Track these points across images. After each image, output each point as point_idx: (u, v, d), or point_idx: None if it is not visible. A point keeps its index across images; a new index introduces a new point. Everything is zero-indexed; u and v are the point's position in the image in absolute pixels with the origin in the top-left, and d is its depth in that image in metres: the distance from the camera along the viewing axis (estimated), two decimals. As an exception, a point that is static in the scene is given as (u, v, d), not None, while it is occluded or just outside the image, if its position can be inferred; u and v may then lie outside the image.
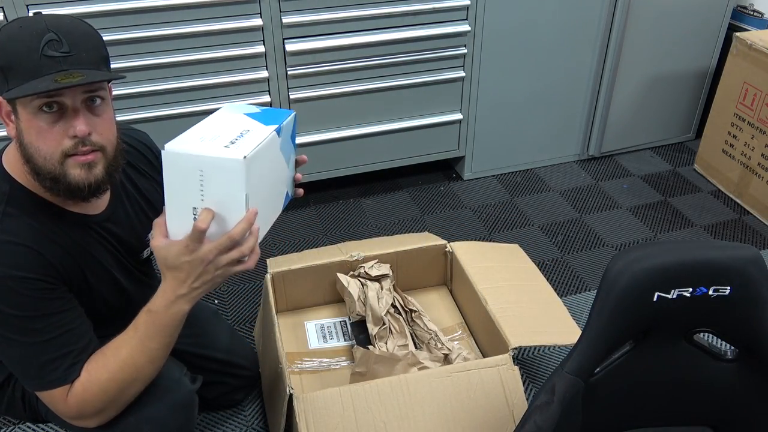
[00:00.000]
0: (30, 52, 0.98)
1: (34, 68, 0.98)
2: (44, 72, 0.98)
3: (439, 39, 2.37)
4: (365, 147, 2.51)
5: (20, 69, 0.98)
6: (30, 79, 0.97)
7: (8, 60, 0.98)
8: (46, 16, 1.02)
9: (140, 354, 1.09)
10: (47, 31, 0.98)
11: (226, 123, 1.09)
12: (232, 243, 1.02)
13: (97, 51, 1.04)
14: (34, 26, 0.99)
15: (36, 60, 0.97)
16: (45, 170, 1.03)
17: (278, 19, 2.15)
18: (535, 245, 2.39)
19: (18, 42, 0.98)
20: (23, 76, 0.98)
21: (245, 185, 0.98)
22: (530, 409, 1.05)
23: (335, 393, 1.44)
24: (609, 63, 2.65)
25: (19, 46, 0.98)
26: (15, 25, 1.00)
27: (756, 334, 1.04)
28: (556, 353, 1.93)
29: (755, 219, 2.55)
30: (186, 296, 1.07)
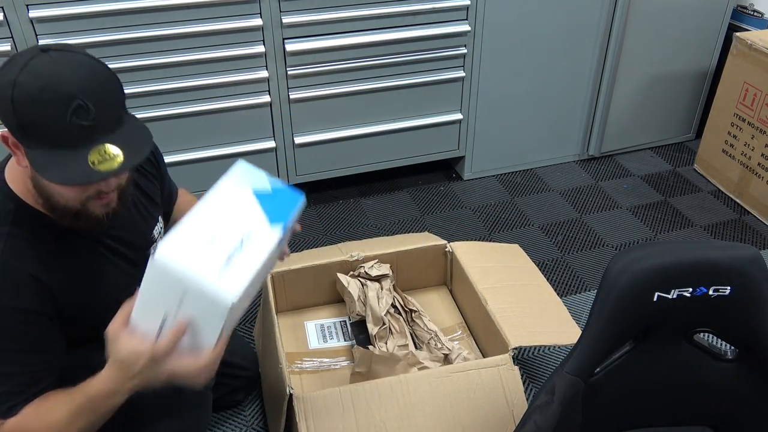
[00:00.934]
0: (56, 121, 0.93)
1: (61, 138, 0.94)
2: (73, 143, 0.94)
3: (439, 39, 2.37)
4: (365, 147, 2.51)
5: (44, 136, 0.94)
6: (58, 146, 0.94)
7: (30, 123, 0.93)
8: (65, 66, 0.94)
9: (68, 425, 1.05)
10: (74, 97, 0.92)
11: (230, 212, 1.03)
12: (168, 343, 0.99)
13: (118, 103, 1.01)
14: (58, 89, 0.92)
15: (63, 129, 0.93)
16: (64, 210, 1.02)
17: (278, 19, 2.15)
18: (535, 245, 2.39)
19: (41, 107, 0.92)
20: (48, 142, 0.94)
21: (224, 322, 0.95)
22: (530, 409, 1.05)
23: (335, 393, 1.44)
24: (609, 63, 2.65)
25: (43, 112, 0.92)
26: (34, 85, 0.92)
27: (756, 334, 1.04)
28: (556, 353, 1.93)
29: (755, 219, 2.55)
30: (127, 391, 1.03)
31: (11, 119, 0.94)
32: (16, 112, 0.92)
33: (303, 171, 2.49)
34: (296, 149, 2.42)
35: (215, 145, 2.30)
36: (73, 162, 0.94)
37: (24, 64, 0.93)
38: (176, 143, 2.25)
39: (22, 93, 0.92)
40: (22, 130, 0.94)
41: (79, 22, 1.96)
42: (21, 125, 0.93)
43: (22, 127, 0.93)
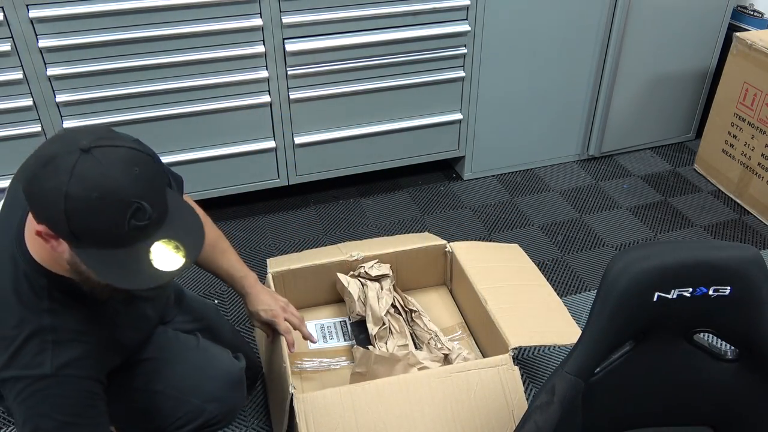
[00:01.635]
0: (116, 226, 0.91)
1: (118, 239, 0.93)
2: (131, 243, 0.93)
3: (439, 39, 2.37)
4: (365, 147, 2.51)
5: (102, 239, 0.92)
6: (113, 247, 0.93)
7: (85, 230, 0.91)
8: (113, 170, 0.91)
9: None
10: (132, 203, 0.91)
11: None
12: None
13: (165, 188, 1.00)
14: (115, 197, 0.90)
15: (123, 232, 0.92)
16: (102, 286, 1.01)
17: (278, 19, 2.15)
18: (535, 245, 2.39)
19: (99, 216, 0.90)
20: (104, 244, 0.93)
21: None
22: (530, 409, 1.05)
23: (335, 393, 1.44)
24: (609, 63, 2.65)
25: (101, 220, 0.91)
26: (89, 192, 0.89)
27: (756, 334, 1.04)
28: (556, 353, 1.93)
29: (755, 219, 2.55)
30: None
31: (62, 227, 0.91)
32: (69, 222, 0.90)
33: (303, 171, 2.49)
34: (296, 149, 2.42)
35: (215, 145, 2.30)
36: (135, 264, 0.93)
37: (70, 171, 0.89)
38: (176, 143, 2.25)
39: (78, 204, 0.89)
40: (73, 235, 0.92)
41: (79, 22, 1.96)
42: (73, 232, 0.91)
43: (74, 233, 0.91)
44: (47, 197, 0.90)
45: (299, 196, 2.63)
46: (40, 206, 0.92)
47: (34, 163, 0.92)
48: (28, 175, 0.92)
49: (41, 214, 0.93)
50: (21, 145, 2.09)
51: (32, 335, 1.04)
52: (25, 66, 1.98)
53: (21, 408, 1.05)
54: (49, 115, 2.07)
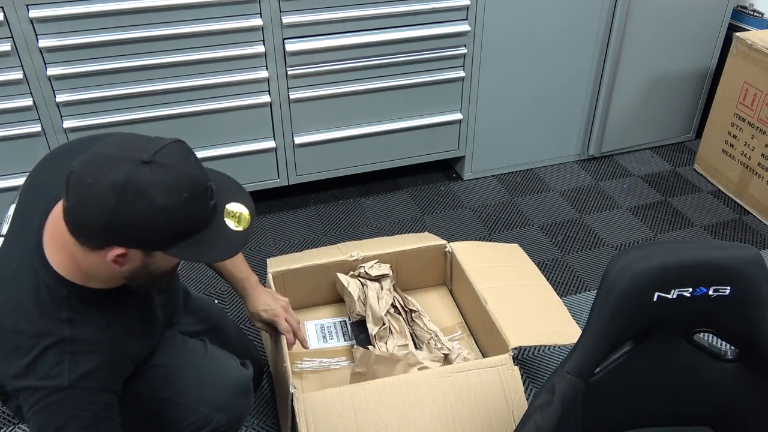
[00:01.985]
0: (204, 212, 1.00)
1: (205, 223, 1.00)
2: (211, 222, 1.01)
3: (439, 39, 2.37)
4: (365, 147, 2.50)
5: (193, 229, 0.99)
6: (197, 233, 0.99)
7: (184, 230, 0.97)
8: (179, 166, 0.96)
9: None
10: (208, 186, 1.00)
11: None
12: None
13: None
14: (196, 189, 0.97)
15: (208, 216, 1.01)
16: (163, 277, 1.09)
17: (278, 19, 2.15)
18: (535, 245, 2.38)
19: (192, 213, 0.97)
20: (193, 233, 0.99)
21: None
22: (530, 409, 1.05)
23: (335, 393, 1.44)
24: (609, 63, 2.65)
25: (193, 216, 0.98)
26: (179, 199, 0.95)
27: (756, 334, 1.04)
28: (556, 353, 1.93)
29: (755, 219, 2.55)
30: None
31: (161, 237, 0.96)
32: (171, 231, 0.95)
33: (303, 171, 2.49)
34: (296, 149, 2.42)
35: (215, 145, 2.30)
36: (220, 237, 1.01)
37: (155, 186, 0.93)
38: (176, 143, 2.24)
39: (176, 212, 0.95)
40: (172, 240, 0.97)
41: (79, 22, 1.96)
42: (172, 237, 0.96)
43: (173, 238, 0.96)
44: (142, 219, 0.93)
45: (299, 196, 2.63)
46: (131, 230, 0.94)
47: (105, 197, 0.92)
48: (104, 207, 0.92)
49: (129, 237, 0.95)
50: (21, 145, 2.09)
51: (51, 346, 1.04)
52: (25, 66, 1.98)
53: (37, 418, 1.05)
54: (49, 115, 2.07)
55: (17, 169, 2.13)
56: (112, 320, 1.12)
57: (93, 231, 0.95)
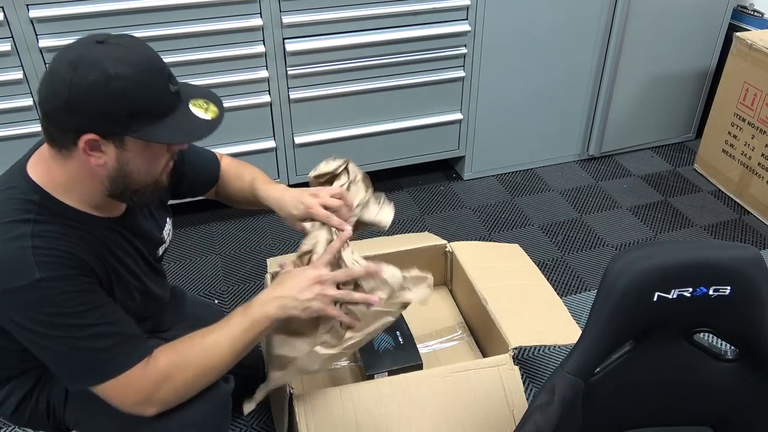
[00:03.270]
0: (163, 92, 1.00)
1: (168, 106, 1.01)
2: (175, 107, 1.02)
3: (439, 39, 2.37)
4: (365, 147, 2.51)
5: (155, 110, 0.99)
6: (164, 116, 1.00)
7: (143, 105, 0.98)
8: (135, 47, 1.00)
9: (227, 343, 1.14)
10: (163, 67, 1.01)
11: None
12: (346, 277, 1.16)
13: None
14: (150, 65, 0.99)
15: (168, 98, 1.01)
16: (143, 185, 1.08)
17: (278, 19, 2.15)
18: (535, 245, 2.39)
19: (149, 86, 0.98)
20: (156, 116, 0.99)
21: None
22: (530, 409, 1.05)
23: (335, 393, 1.44)
24: (609, 63, 2.65)
25: (151, 89, 0.99)
26: (131, 69, 0.97)
27: (756, 334, 1.04)
28: (556, 353, 1.93)
29: (755, 219, 2.55)
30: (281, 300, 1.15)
31: (120, 112, 0.96)
32: (127, 101, 0.96)
33: (303, 171, 2.49)
34: (296, 149, 2.42)
35: (215, 145, 2.30)
36: (185, 121, 1.01)
37: (105, 59, 0.96)
38: (176, 143, 2.25)
39: (128, 82, 0.96)
40: (131, 117, 0.97)
41: (79, 22, 1.96)
42: (131, 113, 0.97)
43: (131, 114, 0.97)
44: (96, 90, 0.95)
45: (299, 196, 2.63)
46: (89, 104, 0.96)
47: (62, 73, 0.96)
48: (61, 84, 0.95)
49: (90, 114, 0.96)
50: (21, 145, 2.08)
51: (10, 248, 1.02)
52: (25, 66, 1.98)
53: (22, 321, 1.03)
54: (49, 115, 2.07)
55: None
56: (82, 237, 1.08)
57: (59, 117, 0.98)
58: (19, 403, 1.26)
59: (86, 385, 1.09)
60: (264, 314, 1.15)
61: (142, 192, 1.09)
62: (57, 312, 1.02)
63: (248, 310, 1.16)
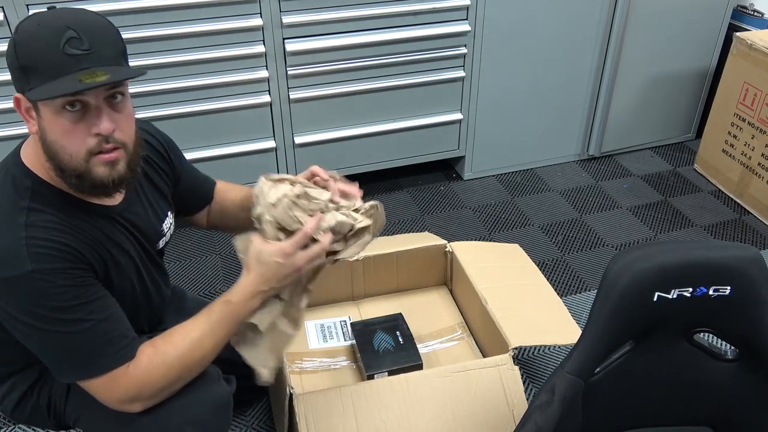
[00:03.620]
0: (51, 51, 0.97)
1: (56, 67, 0.97)
2: (67, 71, 0.97)
3: (439, 39, 2.37)
4: (365, 147, 2.50)
5: (42, 68, 0.97)
6: (53, 78, 0.97)
7: (29, 59, 0.98)
8: (63, 11, 1.01)
9: (209, 338, 1.14)
10: (67, 28, 0.97)
11: None
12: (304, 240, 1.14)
13: (116, 45, 1.05)
14: (53, 24, 0.98)
15: (58, 59, 0.97)
16: (70, 167, 1.04)
17: (278, 19, 2.15)
18: (535, 245, 2.39)
19: (38, 40, 0.97)
20: (45, 75, 0.97)
21: None
22: (530, 409, 1.05)
23: (335, 393, 1.44)
24: (609, 63, 2.65)
25: (39, 44, 0.97)
26: (33, 23, 0.99)
27: (756, 335, 1.04)
28: (556, 353, 1.93)
29: (755, 219, 2.55)
30: (264, 293, 1.16)
31: (14, 63, 0.99)
32: (17, 53, 0.98)
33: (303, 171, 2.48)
34: (296, 149, 2.42)
35: (215, 145, 2.30)
36: (61, 81, 0.97)
37: (31, 17, 1.00)
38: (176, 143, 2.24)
39: (22, 34, 0.98)
40: (24, 71, 0.98)
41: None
42: (22, 66, 0.98)
43: (24, 68, 0.98)
44: (10, 42, 0.99)
45: (299, 196, 2.63)
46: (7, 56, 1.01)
47: None
48: None
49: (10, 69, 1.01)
50: (21, 145, 2.09)
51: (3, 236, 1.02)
52: (25, 66, 1.98)
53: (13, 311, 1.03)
54: (49, 115, 2.07)
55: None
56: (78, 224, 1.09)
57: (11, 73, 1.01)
58: (20, 399, 1.26)
59: (73, 378, 1.10)
60: (249, 309, 1.17)
61: (71, 175, 1.05)
62: (47, 305, 1.02)
63: (231, 306, 1.16)
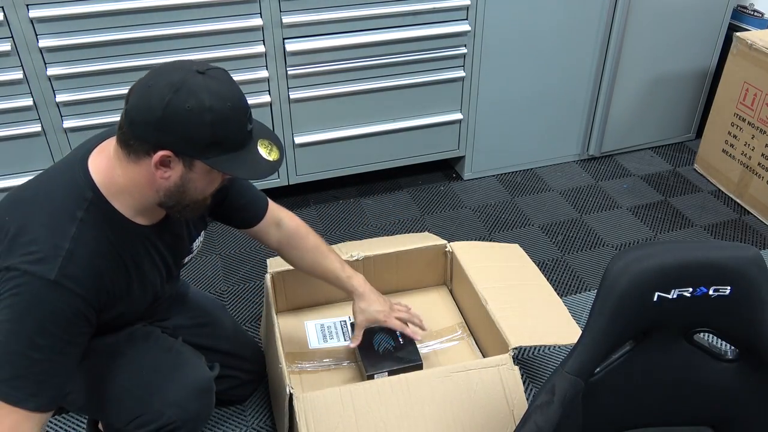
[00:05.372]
0: (240, 131, 1.09)
1: (240, 143, 1.10)
2: (246, 144, 1.11)
3: (439, 39, 2.37)
4: (365, 147, 2.51)
5: (228, 144, 1.07)
6: (233, 150, 1.08)
7: (222, 138, 1.06)
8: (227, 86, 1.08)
9: None
10: (247, 108, 1.10)
11: None
12: None
13: None
14: (239, 105, 1.08)
15: (244, 136, 1.10)
16: (194, 202, 1.15)
17: (278, 19, 2.15)
18: (535, 245, 2.39)
19: (232, 122, 1.07)
20: (228, 149, 1.08)
21: None
22: (530, 409, 1.05)
23: (335, 393, 1.44)
24: (609, 63, 2.65)
25: (232, 126, 1.07)
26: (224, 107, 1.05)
27: (756, 335, 1.04)
28: (556, 353, 1.93)
29: (755, 219, 2.55)
30: None
31: (203, 140, 1.05)
32: (212, 133, 1.04)
33: (303, 171, 2.49)
34: (296, 149, 2.42)
35: (215, 145, 2.30)
36: (252, 158, 1.11)
37: (204, 89, 1.04)
38: (176, 143, 2.25)
39: (219, 115, 1.04)
40: (209, 147, 1.06)
41: (79, 22, 1.96)
42: (211, 143, 1.05)
43: (211, 144, 1.05)
44: (190, 117, 1.03)
45: (299, 196, 2.64)
46: (179, 126, 1.03)
47: (163, 93, 1.03)
48: (160, 102, 1.02)
49: (176, 135, 1.04)
50: (21, 145, 2.09)
51: (51, 237, 1.07)
52: (25, 66, 1.98)
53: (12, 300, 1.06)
54: (49, 114, 2.07)
55: (17, 168, 2.13)
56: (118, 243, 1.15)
57: (147, 128, 1.04)
58: None
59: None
60: None
61: (191, 207, 1.17)
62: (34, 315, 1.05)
63: None
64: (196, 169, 1.09)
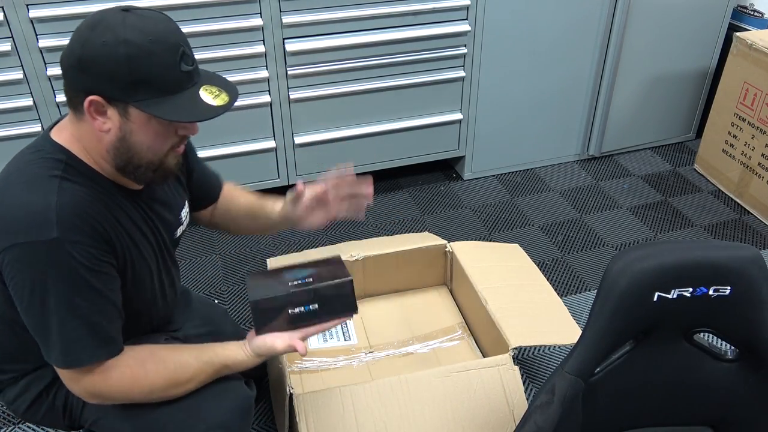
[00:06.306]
0: (169, 68, 1.00)
1: (173, 84, 1.01)
2: (183, 87, 1.02)
3: (439, 39, 2.37)
4: (365, 147, 2.51)
5: (158, 84, 1.00)
6: (169, 94, 1.01)
7: (145, 74, 0.99)
8: (157, 20, 1.02)
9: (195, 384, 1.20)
10: (179, 45, 1.01)
11: None
12: None
13: None
14: (165, 39, 1.00)
15: (176, 76, 1.01)
16: (147, 162, 1.08)
17: (278, 19, 2.15)
18: (535, 245, 2.39)
19: (156, 57, 0.99)
20: (161, 90, 1.00)
21: None
22: (530, 409, 1.05)
23: (335, 393, 1.44)
24: (609, 63, 2.65)
25: (155, 61, 0.99)
26: (142, 38, 0.98)
27: (756, 335, 1.04)
28: (556, 353, 1.93)
29: (755, 219, 2.55)
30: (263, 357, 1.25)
31: (123, 77, 0.98)
32: (130, 67, 0.97)
33: (303, 171, 2.49)
34: (296, 149, 2.42)
35: (215, 144, 2.30)
36: (190, 102, 1.02)
37: (122, 24, 0.98)
38: (176, 143, 2.25)
39: (136, 49, 0.97)
40: (133, 85, 0.98)
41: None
42: (133, 81, 0.98)
43: (134, 82, 0.98)
44: (105, 51, 0.97)
45: (299, 196, 2.63)
46: (96, 64, 0.98)
47: (82, 33, 0.99)
48: (78, 43, 0.99)
49: (97, 74, 0.98)
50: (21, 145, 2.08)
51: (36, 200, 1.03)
52: (25, 66, 1.98)
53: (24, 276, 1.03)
54: (49, 114, 2.07)
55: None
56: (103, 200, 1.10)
57: (72, 75, 1.01)
58: (34, 400, 1.27)
59: (49, 360, 1.10)
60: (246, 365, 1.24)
61: (146, 169, 1.09)
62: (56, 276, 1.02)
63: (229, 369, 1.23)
64: (132, 118, 1.02)
